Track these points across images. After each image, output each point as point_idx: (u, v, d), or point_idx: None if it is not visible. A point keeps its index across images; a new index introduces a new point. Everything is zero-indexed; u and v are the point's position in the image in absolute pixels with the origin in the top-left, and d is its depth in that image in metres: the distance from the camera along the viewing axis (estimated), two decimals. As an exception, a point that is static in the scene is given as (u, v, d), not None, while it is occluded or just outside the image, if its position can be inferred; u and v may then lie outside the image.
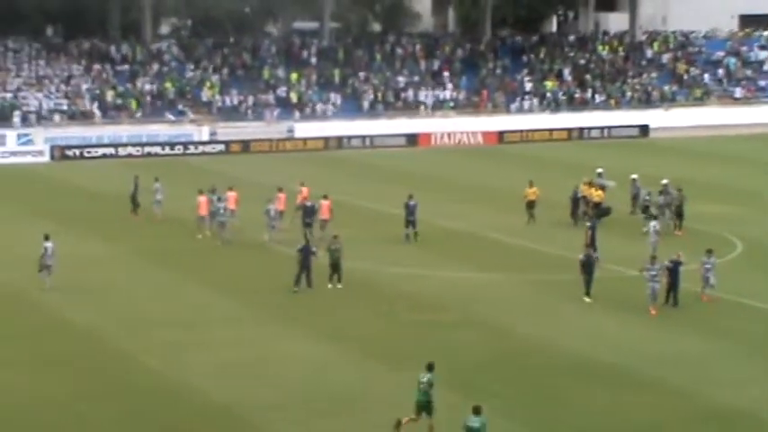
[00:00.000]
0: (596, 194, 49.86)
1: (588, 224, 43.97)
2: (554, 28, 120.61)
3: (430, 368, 25.72)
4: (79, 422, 26.67)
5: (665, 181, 50.11)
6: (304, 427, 26.37)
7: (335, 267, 39.05)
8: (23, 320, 35.30)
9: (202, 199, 47.57)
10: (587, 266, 37.30)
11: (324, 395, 28.35)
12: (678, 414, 27.26)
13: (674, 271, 36.07)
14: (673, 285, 36.17)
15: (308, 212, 46.72)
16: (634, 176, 52.72)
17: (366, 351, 31.97)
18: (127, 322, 34.92)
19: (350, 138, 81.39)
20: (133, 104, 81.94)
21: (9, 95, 79.83)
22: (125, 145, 76.18)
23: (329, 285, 38.83)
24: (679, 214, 47.95)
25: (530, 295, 38.54)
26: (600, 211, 48.86)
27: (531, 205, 50.10)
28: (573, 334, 33.72)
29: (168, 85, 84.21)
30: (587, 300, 36.87)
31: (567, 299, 37.79)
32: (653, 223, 43.98)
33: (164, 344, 32.68)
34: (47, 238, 39.07)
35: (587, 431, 26.16)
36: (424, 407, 25.34)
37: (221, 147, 78.23)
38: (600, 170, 53.75)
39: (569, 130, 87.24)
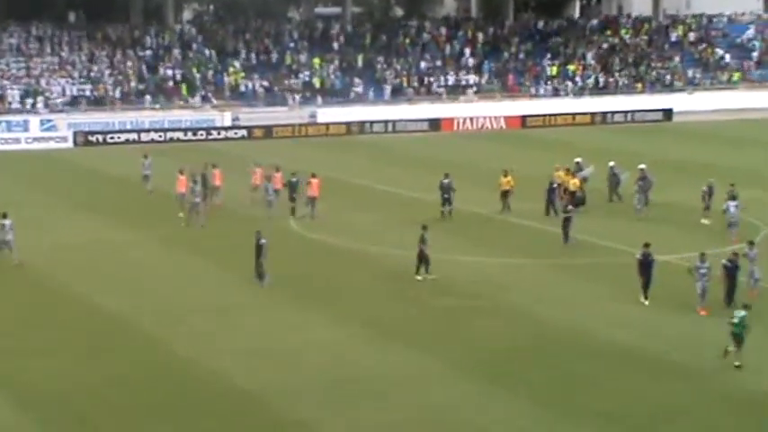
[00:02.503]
0: (572, 183, 48.84)
1: (566, 214, 43.24)
2: (577, 12, 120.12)
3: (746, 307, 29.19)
4: (109, 408, 26.69)
5: (642, 166, 49.91)
6: (329, 411, 26.32)
7: (423, 259, 37.99)
8: (53, 307, 35.33)
9: (182, 178, 48.96)
10: (645, 267, 34.73)
11: (348, 380, 28.30)
12: (707, 398, 27.14)
13: (732, 270, 33.87)
14: (732, 286, 33.90)
15: (293, 188, 48.46)
16: (612, 163, 52.24)
17: (392, 336, 31.90)
18: (154, 308, 34.93)
19: (372, 123, 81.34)
20: (184, 89, 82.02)
21: (33, 81, 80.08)
22: (147, 131, 76.39)
23: (418, 277, 38.05)
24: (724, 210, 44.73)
25: (556, 280, 38.38)
26: (575, 200, 47.81)
27: (505, 195, 49.05)
28: (601, 319, 33.57)
29: (194, 70, 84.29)
30: (645, 302, 34.66)
31: (593, 283, 37.64)
32: (732, 203, 43.40)
33: (192, 330, 32.70)
34: (5, 215, 40.06)
35: (616, 417, 26.03)
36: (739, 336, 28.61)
37: (243, 132, 78.28)
38: (578, 159, 53.03)
39: (592, 114, 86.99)
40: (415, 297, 36.04)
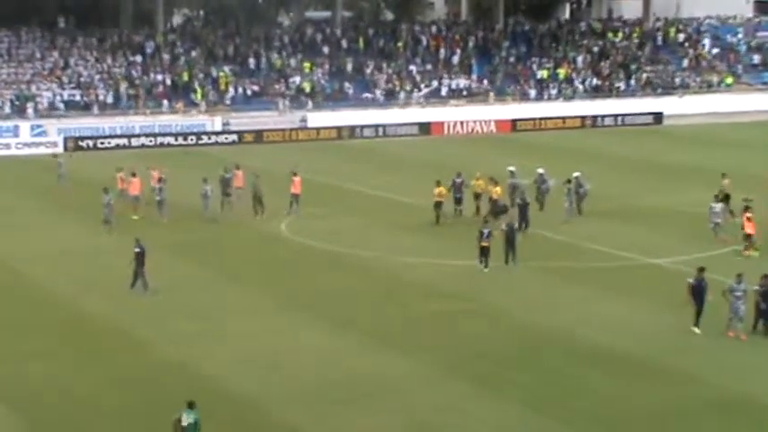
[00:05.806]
0: (494, 191, 48.05)
1: (504, 228, 40.94)
2: (567, 15, 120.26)
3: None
4: (97, 412, 26.70)
5: (576, 174, 49.77)
6: (319, 416, 26.34)
7: (486, 252, 39.54)
8: (42, 313, 35.29)
9: (135, 180, 50.58)
10: (698, 293, 32.15)
11: (339, 384, 28.32)
12: (696, 401, 27.18)
13: (765, 295, 31.82)
14: (765, 311, 31.88)
15: (226, 183, 50.54)
16: (540, 171, 51.68)
17: (380, 340, 31.91)
18: (144, 313, 34.92)
19: (362, 127, 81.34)
20: (198, 95, 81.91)
21: (23, 87, 79.97)
22: (138, 135, 76.29)
23: (486, 270, 39.31)
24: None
25: (542, 283, 38.41)
26: (497, 208, 47.14)
27: (438, 205, 47.82)
28: (588, 322, 33.58)
29: (185, 75, 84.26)
30: (697, 331, 32.15)
31: (581, 286, 37.69)
32: (718, 205, 43.87)
33: (181, 334, 32.69)
34: None
35: (603, 419, 26.08)
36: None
37: (234, 137, 78.25)
38: (512, 168, 52.26)
39: (583, 117, 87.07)
40: (403, 301, 36.07)
